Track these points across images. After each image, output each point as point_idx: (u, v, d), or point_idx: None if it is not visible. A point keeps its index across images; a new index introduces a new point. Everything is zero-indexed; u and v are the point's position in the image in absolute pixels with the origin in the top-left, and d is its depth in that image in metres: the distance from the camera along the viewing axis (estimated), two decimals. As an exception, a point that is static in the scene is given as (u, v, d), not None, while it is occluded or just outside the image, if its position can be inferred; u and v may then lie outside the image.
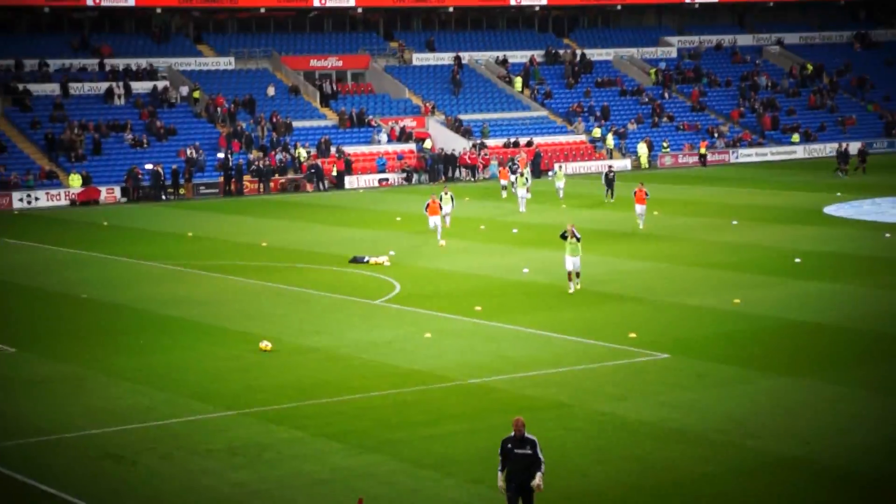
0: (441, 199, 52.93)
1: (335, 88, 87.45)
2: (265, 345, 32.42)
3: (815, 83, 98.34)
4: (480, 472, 22.22)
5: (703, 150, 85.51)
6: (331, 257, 47.90)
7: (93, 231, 58.56)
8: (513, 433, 19.03)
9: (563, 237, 38.75)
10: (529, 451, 18.83)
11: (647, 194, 52.33)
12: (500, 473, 19.00)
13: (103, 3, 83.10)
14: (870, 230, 50.81)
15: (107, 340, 34.27)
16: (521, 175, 62.87)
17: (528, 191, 62.33)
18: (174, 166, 73.62)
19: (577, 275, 38.88)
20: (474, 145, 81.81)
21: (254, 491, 21.83)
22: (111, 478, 22.69)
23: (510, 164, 71.85)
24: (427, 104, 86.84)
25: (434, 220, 50.80)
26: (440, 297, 39.19)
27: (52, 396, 28.41)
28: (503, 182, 69.74)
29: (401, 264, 45.57)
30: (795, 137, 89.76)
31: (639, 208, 52.50)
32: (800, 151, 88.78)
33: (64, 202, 70.60)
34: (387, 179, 78.38)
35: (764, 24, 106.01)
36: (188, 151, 75.79)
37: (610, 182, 64.35)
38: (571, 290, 38.57)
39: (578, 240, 38.53)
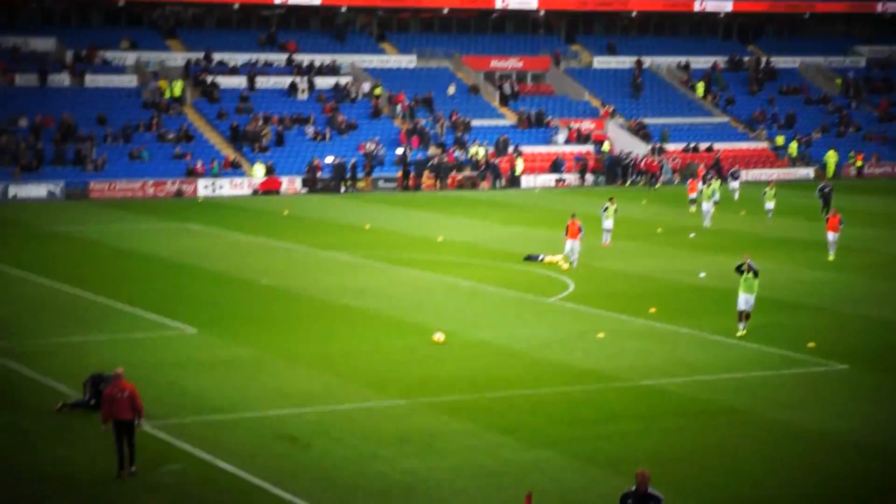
0: (605, 212, 50.11)
1: (515, 89, 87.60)
2: (438, 337, 32.66)
3: None
4: (652, 473, 22.04)
5: (858, 163, 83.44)
6: (505, 254, 48.01)
7: (274, 220, 59.70)
8: (635, 486, 17.29)
9: (739, 270, 34.15)
10: None
11: (841, 221, 47.28)
12: None
13: (290, 2, 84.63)
14: None
15: (285, 326, 34.93)
16: (709, 186, 59.02)
17: (713, 204, 58.06)
18: (353, 159, 74.61)
19: (748, 316, 33.82)
20: (652, 149, 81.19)
21: (423, 479, 22.04)
22: (285, 458, 23.13)
23: (706, 176, 69.62)
24: (606, 107, 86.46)
25: (570, 244, 44.96)
26: (614, 298, 39.00)
27: (231, 377, 29.08)
28: (691, 196, 64.24)
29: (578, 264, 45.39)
30: None
31: (831, 236, 47.39)
32: None
33: (246, 191, 72.08)
34: (563, 180, 78.22)
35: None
36: (368, 146, 76.74)
37: (826, 197, 60.13)
38: (740, 333, 33.59)
39: (756, 275, 33.91)
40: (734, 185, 67.48)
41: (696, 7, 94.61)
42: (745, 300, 33.75)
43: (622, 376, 29.30)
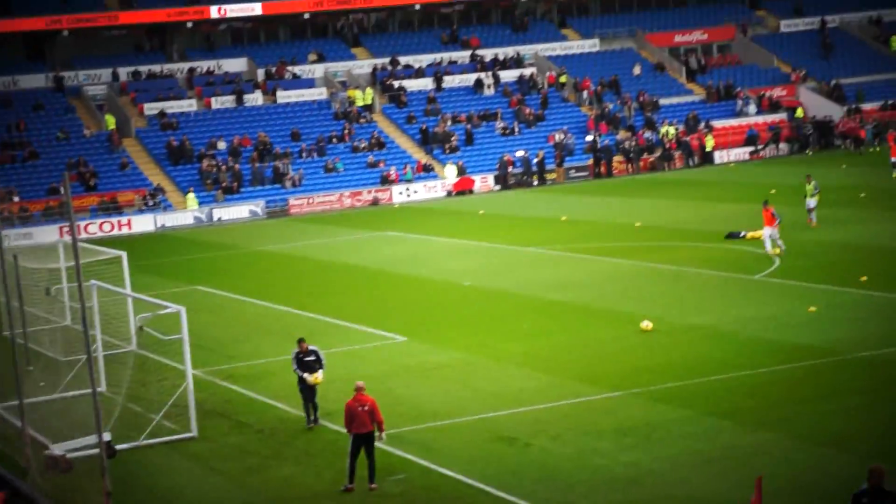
0: (806, 193, 46.53)
1: (701, 62, 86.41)
2: (646, 324, 32.43)
3: None
4: (881, 448, 21.55)
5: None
6: (705, 234, 47.40)
7: (469, 220, 60.08)
8: (866, 484, 15.59)
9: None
10: None
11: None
12: None
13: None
14: None
15: (492, 326, 35.11)
16: None
17: None
18: (541, 151, 74.49)
19: None
20: (849, 111, 79.06)
21: (647, 471, 21.91)
22: (506, 459, 23.25)
23: None
24: (797, 72, 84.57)
25: (768, 232, 41.77)
26: (822, 269, 38.16)
27: (444, 382, 29.37)
28: (894, 159, 59.82)
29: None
30: None
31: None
32: None
33: (440, 193, 72.69)
34: (757, 151, 76.80)
35: None
36: (556, 136, 76.62)
37: None
38: None
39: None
40: None
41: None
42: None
43: (839, 350, 28.65)
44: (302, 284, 45.27)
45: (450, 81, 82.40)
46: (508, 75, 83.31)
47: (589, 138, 76.43)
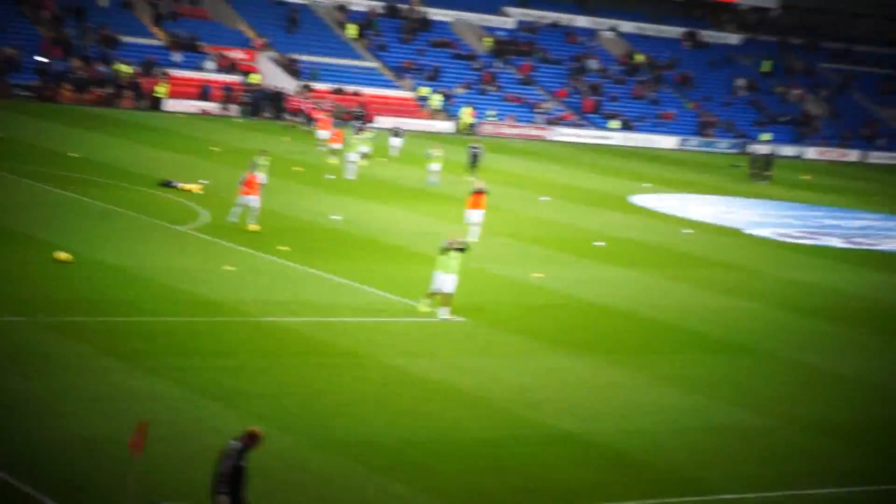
0: (256, 168, 44.23)
1: (172, 9, 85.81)
2: (63, 255, 31.88)
3: (642, 74, 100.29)
4: (266, 409, 22.42)
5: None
6: (141, 178, 47.21)
7: None
8: (240, 444, 16.40)
9: (445, 250, 31.08)
10: None
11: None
12: None
13: None
14: (671, 224, 52.22)
15: None
16: (358, 137, 57.12)
17: (362, 156, 55.86)
18: (-9, 63, 71.37)
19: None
20: (304, 87, 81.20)
21: (31, 398, 21.55)
22: None
23: (357, 125, 65.21)
24: (260, 39, 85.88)
25: (247, 200, 39.65)
26: (247, 234, 38.96)
27: None
28: (334, 146, 58.88)
29: (213, 195, 45.06)
30: (614, 124, 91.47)
31: (475, 215, 42.52)
32: (616, 138, 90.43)
33: None
34: (207, 108, 77.29)
35: (602, 8, 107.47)
36: (6, 50, 73.56)
37: (475, 157, 58.97)
38: (425, 309, 31.00)
39: (462, 250, 31.32)
40: (395, 142, 64.17)
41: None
42: (443, 280, 30.72)
43: (247, 311, 29.45)
44: None
45: None
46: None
47: (42, 59, 73.88)
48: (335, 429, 22.24)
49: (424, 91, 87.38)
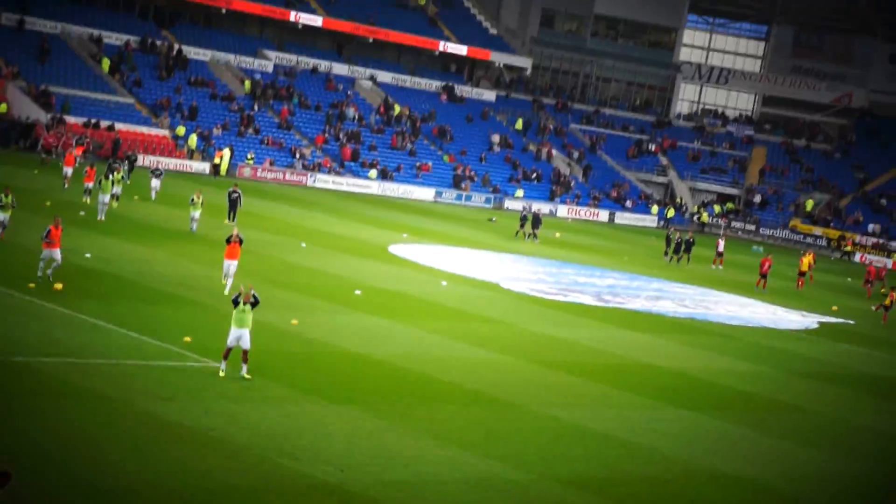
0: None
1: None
2: None
3: (400, 124, 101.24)
4: (16, 450, 21.56)
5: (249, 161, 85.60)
6: None
7: None
8: None
9: (235, 303, 29.98)
10: None
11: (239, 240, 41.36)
12: None
13: None
14: (429, 275, 52.63)
15: None
16: (113, 175, 54.69)
17: (114, 197, 54.54)
18: None
19: (245, 355, 29.83)
20: (52, 118, 79.01)
21: None
22: None
23: (112, 163, 61.13)
24: (10, 67, 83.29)
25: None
26: (-6, 268, 37.59)
27: None
28: (67, 170, 60.16)
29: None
30: (373, 173, 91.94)
31: (230, 266, 41.20)
32: (374, 187, 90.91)
33: None
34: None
35: (361, 57, 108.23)
36: None
37: (233, 203, 57.43)
38: (223, 373, 29.73)
39: (255, 304, 30.25)
40: (154, 183, 61.87)
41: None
42: (238, 335, 29.69)
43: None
44: None
45: None
46: None
47: None
48: (86, 474, 21.49)
49: (181, 130, 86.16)
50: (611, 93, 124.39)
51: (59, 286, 36.18)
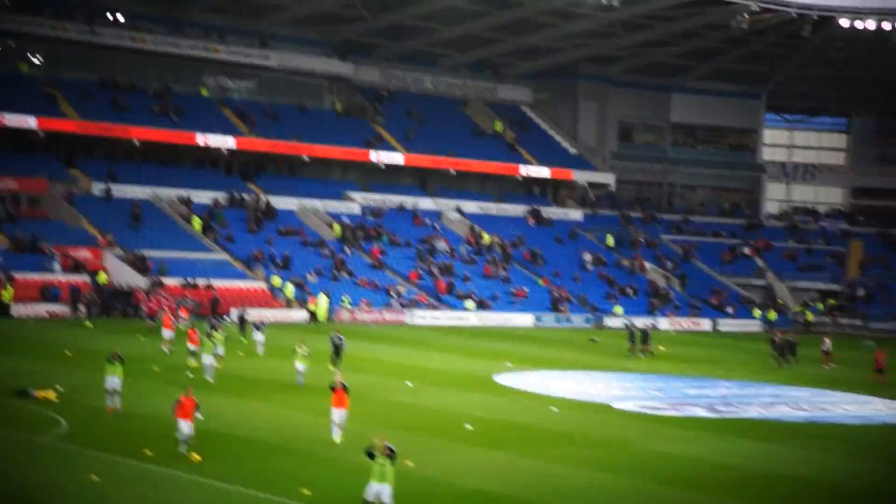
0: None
1: (10, 211, 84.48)
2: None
3: (491, 252, 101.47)
4: None
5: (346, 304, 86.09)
6: (-6, 387, 45.62)
7: None
8: None
9: (371, 455, 29.35)
10: None
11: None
12: None
13: None
14: (537, 402, 52.11)
15: None
16: (214, 336, 54.12)
17: (216, 357, 52.65)
18: None
19: None
20: (151, 283, 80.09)
21: None
22: None
23: (212, 322, 62.86)
24: (105, 236, 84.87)
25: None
26: (112, 437, 37.70)
27: None
28: (167, 333, 60.15)
29: (71, 400, 43.66)
30: (469, 304, 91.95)
31: (337, 415, 39.74)
32: (472, 318, 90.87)
33: None
34: (56, 311, 75.66)
35: (445, 189, 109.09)
36: None
37: (337, 348, 57.19)
38: None
39: (391, 456, 29.33)
40: (259, 337, 62.31)
41: (199, 141, 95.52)
42: (378, 491, 28.97)
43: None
44: None
45: None
46: None
47: None
48: None
49: (276, 281, 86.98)
50: (697, 199, 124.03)
51: (197, 457, 35.79)
